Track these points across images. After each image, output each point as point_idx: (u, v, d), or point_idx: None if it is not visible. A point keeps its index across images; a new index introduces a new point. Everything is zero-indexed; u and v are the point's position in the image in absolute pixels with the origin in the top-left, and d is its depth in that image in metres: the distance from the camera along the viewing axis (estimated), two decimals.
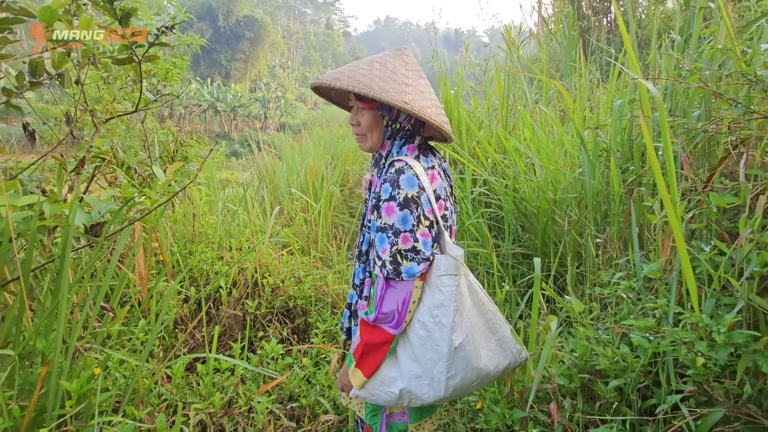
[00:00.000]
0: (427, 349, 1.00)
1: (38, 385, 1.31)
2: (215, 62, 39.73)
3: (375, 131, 1.08)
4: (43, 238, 1.66)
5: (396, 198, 0.97)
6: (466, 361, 1.00)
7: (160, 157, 3.02)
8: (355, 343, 1.05)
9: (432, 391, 1.00)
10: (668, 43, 2.03)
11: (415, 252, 0.97)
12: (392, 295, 0.98)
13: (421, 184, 0.98)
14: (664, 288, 1.21)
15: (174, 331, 2.20)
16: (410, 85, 1.02)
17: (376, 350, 1.01)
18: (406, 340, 1.02)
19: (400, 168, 0.99)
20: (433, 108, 1.04)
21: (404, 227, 0.97)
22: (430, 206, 1.00)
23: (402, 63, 1.05)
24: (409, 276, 0.97)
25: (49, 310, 1.39)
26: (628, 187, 1.79)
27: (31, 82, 1.83)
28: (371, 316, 1.00)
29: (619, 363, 1.15)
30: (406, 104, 0.97)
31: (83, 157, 2.04)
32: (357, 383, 1.04)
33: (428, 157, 1.08)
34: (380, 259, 0.99)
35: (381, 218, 0.99)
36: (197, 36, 3.21)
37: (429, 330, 0.99)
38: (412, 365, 1.01)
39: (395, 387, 1.02)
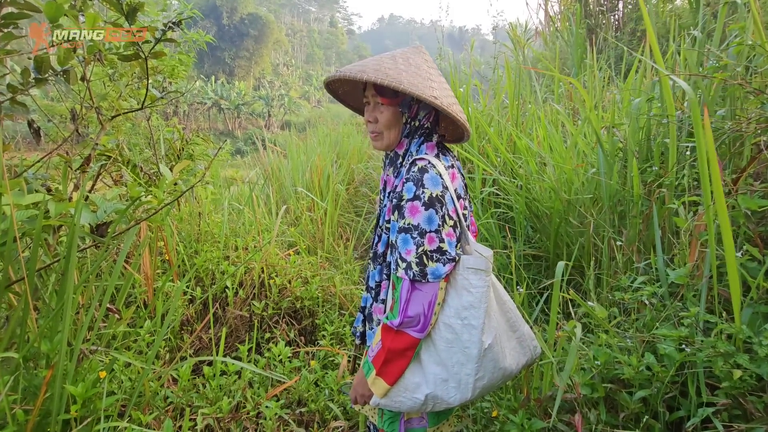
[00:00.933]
0: (454, 352, 0.97)
1: (43, 388, 1.28)
2: (219, 60, 39.76)
3: (393, 128, 1.04)
4: (48, 237, 1.63)
5: (421, 197, 0.94)
6: (494, 362, 0.99)
7: (166, 155, 2.99)
8: (373, 350, 1.01)
9: (459, 393, 0.98)
10: (687, 39, 1.97)
11: (441, 252, 0.94)
12: (418, 298, 0.95)
13: (445, 183, 0.96)
14: (693, 295, 1.16)
15: (180, 332, 2.17)
16: (435, 81, 1.00)
17: (400, 356, 0.97)
18: (430, 343, 0.99)
19: (424, 166, 0.96)
20: (456, 105, 1.01)
21: (430, 227, 0.94)
22: (453, 205, 0.97)
23: (423, 60, 1.03)
24: (434, 277, 0.94)
25: (54, 312, 1.36)
26: (647, 188, 1.73)
27: (37, 78, 1.79)
28: (395, 320, 0.96)
29: (643, 372, 1.11)
30: (435, 99, 0.94)
31: (89, 155, 2.01)
32: (379, 392, 1.00)
33: (446, 155, 1.05)
34: (404, 260, 0.95)
35: (404, 218, 0.96)
36: (203, 33, 3.17)
37: (456, 332, 0.97)
38: (437, 369, 0.98)
39: (420, 393, 0.99)
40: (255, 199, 3.41)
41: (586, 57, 5.04)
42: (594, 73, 3.41)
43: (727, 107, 1.46)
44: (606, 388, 1.14)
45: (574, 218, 2.17)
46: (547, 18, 7.23)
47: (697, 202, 1.31)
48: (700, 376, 1.03)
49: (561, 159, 2.33)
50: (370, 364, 1.01)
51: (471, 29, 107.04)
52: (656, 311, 1.23)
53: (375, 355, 1.00)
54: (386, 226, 1.05)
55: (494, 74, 4.01)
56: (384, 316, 1.03)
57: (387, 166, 1.12)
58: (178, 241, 2.56)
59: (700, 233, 1.15)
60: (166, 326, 1.50)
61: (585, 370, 1.23)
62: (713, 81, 1.56)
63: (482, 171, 2.76)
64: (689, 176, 1.37)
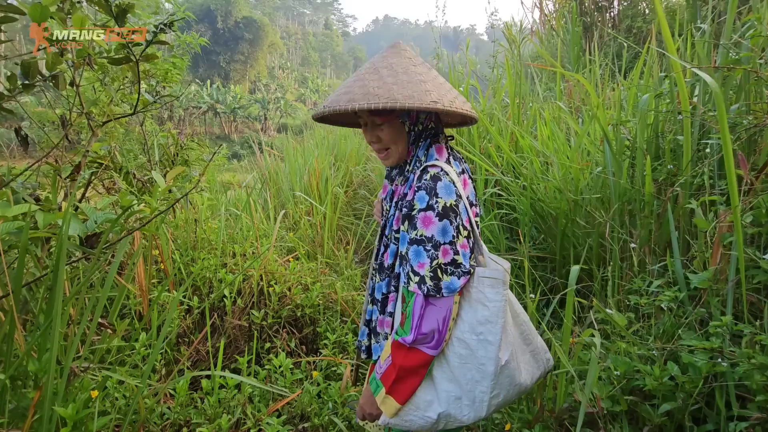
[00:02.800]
0: (468, 369, 0.92)
1: (31, 410, 1.21)
2: (214, 64, 39.67)
3: (400, 141, 0.98)
4: (36, 250, 1.56)
5: (434, 207, 0.88)
6: (510, 378, 0.93)
7: (160, 160, 2.92)
8: (382, 366, 0.94)
9: (473, 412, 0.93)
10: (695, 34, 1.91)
11: (456, 265, 0.88)
12: (432, 314, 0.89)
13: (458, 191, 0.90)
14: (717, 300, 1.10)
15: (177, 344, 2.10)
16: (427, 81, 0.93)
17: (412, 374, 0.91)
18: (443, 360, 0.93)
19: (436, 174, 0.90)
20: (458, 98, 0.96)
21: (444, 239, 0.88)
22: (467, 215, 0.92)
23: (407, 61, 0.96)
24: (449, 291, 0.89)
25: (42, 328, 1.29)
26: (657, 186, 1.68)
27: (24, 84, 1.72)
28: (407, 337, 0.90)
29: (666, 383, 1.04)
30: (435, 104, 0.88)
31: (79, 162, 1.94)
32: (389, 412, 0.93)
33: (456, 159, 0.99)
34: (417, 274, 0.89)
35: (416, 230, 0.89)
36: (197, 35, 3.10)
37: (471, 348, 0.91)
38: (450, 386, 0.93)
39: (432, 411, 0.93)
40: (252, 204, 3.34)
41: (582, 55, 5.00)
42: (595, 71, 3.36)
43: (742, 101, 1.41)
44: (627, 401, 1.08)
45: (581, 219, 2.11)
46: (542, 17, 7.20)
47: (716, 202, 1.25)
48: (730, 388, 0.97)
49: (565, 158, 2.27)
50: (378, 381, 0.95)
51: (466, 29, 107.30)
52: (676, 317, 1.17)
53: (384, 373, 0.93)
54: (394, 236, 0.98)
55: (493, 73, 3.96)
56: (393, 332, 0.96)
57: (396, 175, 1.05)
58: (173, 249, 2.49)
59: (723, 235, 1.09)
60: (162, 339, 1.43)
61: (602, 380, 1.17)
62: (725, 74, 1.50)
63: (485, 171, 2.70)
64: (707, 174, 1.31)
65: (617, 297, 1.54)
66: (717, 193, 1.33)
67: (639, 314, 1.40)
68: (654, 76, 1.94)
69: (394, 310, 1.00)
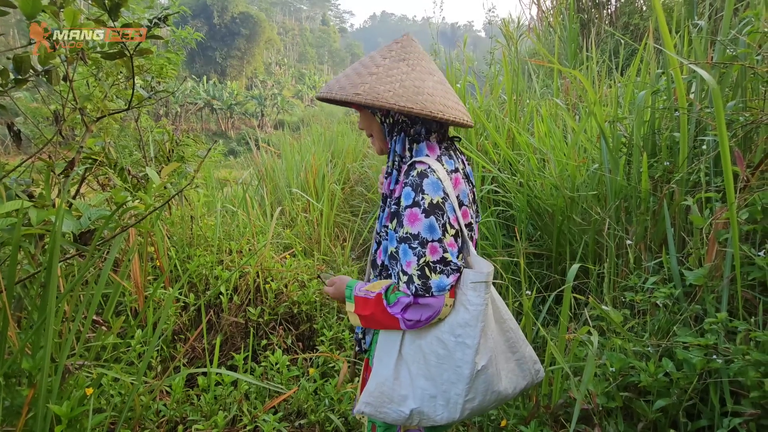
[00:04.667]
0: (445, 369, 0.91)
1: (25, 408, 1.20)
2: (210, 60, 39.40)
3: (375, 132, 1.00)
4: (29, 246, 1.55)
5: (420, 204, 0.87)
6: (487, 384, 0.91)
7: (156, 157, 2.90)
8: (362, 293, 0.95)
9: (447, 412, 0.92)
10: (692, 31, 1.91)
11: (445, 263, 0.87)
12: (419, 310, 0.89)
13: (446, 189, 0.89)
14: (712, 297, 1.10)
15: (172, 341, 2.09)
16: (405, 77, 0.91)
17: (379, 324, 0.94)
18: (421, 356, 0.93)
19: (423, 171, 0.89)
20: (438, 97, 0.92)
21: (432, 236, 0.87)
22: (454, 214, 0.90)
23: (408, 55, 0.95)
24: (439, 290, 0.87)
25: (36, 325, 1.28)
26: (653, 183, 1.68)
27: (17, 79, 1.70)
28: (391, 309, 0.90)
29: (661, 379, 1.05)
30: (394, 105, 0.87)
31: (73, 158, 1.92)
32: (351, 316, 0.97)
33: (452, 158, 0.98)
34: (406, 274, 0.88)
35: (403, 227, 0.88)
36: (192, 30, 3.08)
37: (449, 349, 0.90)
38: (426, 384, 0.93)
39: (406, 406, 0.93)
40: (249, 201, 3.33)
41: (579, 52, 5.00)
42: (592, 67, 3.36)
43: (738, 98, 1.41)
44: (622, 397, 1.09)
45: (577, 216, 2.12)
46: (540, 13, 7.19)
47: (712, 199, 1.25)
48: (724, 385, 0.98)
49: (562, 155, 2.27)
50: (353, 298, 0.96)
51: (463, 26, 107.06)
52: (671, 314, 1.18)
53: (360, 300, 0.94)
54: (385, 232, 0.98)
55: (491, 69, 3.95)
56: (385, 287, 0.94)
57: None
58: (169, 246, 2.48)
59: (718, 231, 1.10)
60: (157, 336, 1.43)
61: (597, 376, 1.17)
62: (721, 71, 1.50)
63: (482, 168, 2.70)
64: (703, 172, 1.31)
65: (613, 293, 1.55)
66: (713, 190, 1.33)
67: (634, 311, 1.41)
68: (651, 73, 1.93)
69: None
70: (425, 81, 0.92)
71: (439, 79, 0.95)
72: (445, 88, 0.95)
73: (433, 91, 0.91)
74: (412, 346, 0.94)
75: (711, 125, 1.39)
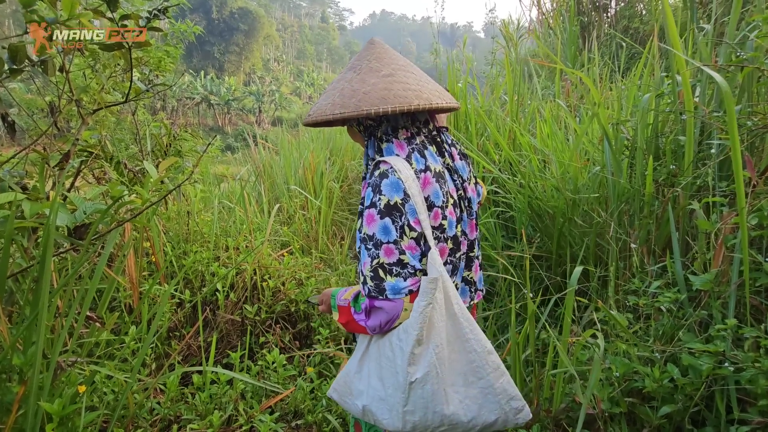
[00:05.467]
0: (391, 374, 0.89)
1: (15, 405, 1.17)
2: (208, 55, 39.18)
3: (359, 141, 1.01)
4: (22, 240, 1.51)
5: (377, 205, 0.85)
6: (426, 401, 0.86)
7: (153, 151, 2.86)
8: (341, 301, 0.97)
9: (390, 419, 0.89)
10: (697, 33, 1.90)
11: (402, 266, 0.85)
12: (377, 315, 0.88)
13: (408, 190, 0.85)
14: (719, 303, 1.09)
15: (167, 338, 2.06)
16: (338, 89, 0.92)
17: (356, 328, 0.94)
18: (377, 356, 0.92)
19: (384, 171, 0.87)
20: (377, 92, 0.88)
21: (386, 238, 0.84)
22: (416, 216, 0.85)
23: (349, 66, 0.97)
24: (394, 293, 0.85)
25: (27, 321, 1.25)
26: (656, 187, 1.67)
27: (12, 69, 1.66)
28: (357, 315, 0.91)
29: (666, 385, 1.04)
30: (335, 113, 0.88)
31: (68, 150, 1.88)
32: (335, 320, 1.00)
33: (424, 156, 0.92)
34: (362, 274, 0.87)
35: (362, 227, 0.88)
36: (192, 24, 3.04)
37: (394, 353, 0.88)
38: (377, 384, 0.92)
39: (360, 401, 0.94)
40: (246, 197, 3.29)
41: (579, 54, 4.99)
42: (594, 69, 3.36)
43: (745, 102, 1.40)
44: (626, 403, 1.07)
45: (578, 217, 2.10)
46: (540, 15, 7.19)
47: (719, 203, 1.24)
48: (731, 392, 0.96)
49: (566, 156, 2.26)
50: (336, 308, 0.98)
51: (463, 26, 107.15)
52: (676, 318, 1.17)
53: (341, 310, 0.96)
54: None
55: (492, 70, 3.94)
56: (355, 294, 0.95)
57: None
58: (165, 242, 2.44)
59: (726, 237, 1.08)
60: (152, 333, 1.40)
61: (601, 381, 1.15)
62: (726, 75, 1.49)
63: (482, 168, 2.69)
64: (711, 176, 1.30)
65: (615, 297, 1.53)
66: (718, 194, 1.32)
67: (636, 315, 1.40)
68: (655, 75, 1.92)
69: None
70: (366, 81, 0.90)
71: (387, 72, 0.91)
72: (392, 79, 0.90)
73: (371, 89, 0.88)
74: (374, 345, 0.94)
75: (718, 129, 1.38)
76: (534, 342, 1.35)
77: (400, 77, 0.90)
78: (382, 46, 0.97)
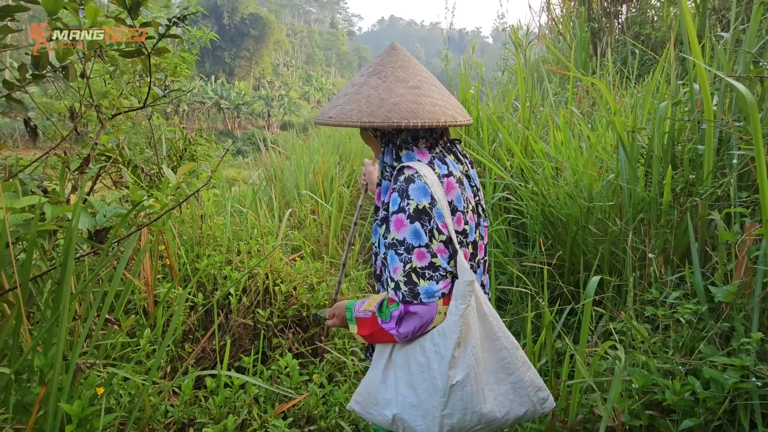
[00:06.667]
0: (424, 379, 0.89)
1: (36, 406, 1.19)
2: (219, 60, 39.68)
3: (372, 147, 1.03)
4: (43, 242, 1.54)
5: (406, 210, 0.86)
6: (465, 402, 0.87)
7: (168, 155, 2.90)
8: (360, 312, 0.95)
9: (425, 424, 0.89)
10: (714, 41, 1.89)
11: (434, 268, 0.85)
12: (411, 321, 0.87)
13: (435, 194, 0.86)
14: (741, 315, 1.07)
15: (181, 341, 2.08)
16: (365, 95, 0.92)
17: (381, 338, 0.94)
18: (405, 362, 0.92)
19: (410, 176, 0.88)
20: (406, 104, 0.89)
21: (418, 242, 0.85)
22: (443, 220, 0.87)
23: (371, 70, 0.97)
24: (428, 297, 0.85)
25: (49, 323, 1.27)
26: (673, 196, 1.65)
27: (34, 75, 1.70)
28: (386, 324, 0.90)
29: (687, 398, 1.02)
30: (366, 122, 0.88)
31: (88, 155, 1.92)
32: (357, 337, 0.98)
33: (446, 163, 0.94)
34: (393, 280, 0.87)
35: (390, 233, 0.88)
36: (207, 30, 3.09)
37: (428, 358, 0.88)
38: (407, 391, 0.91)
39: (389, 410, 0.93)
40: (258, 202, 3.32)
41: (590, 60, 4.97)
42: (606, 76, 3.34)
43: (765, 111, 1.38)
44: (647, 416, 1.06)
45: (592, 226, 2.09)
46: (550, 21, 7.18)
47: (740, 214, 1.23)
48: (756, 407, 0.95)
49: (581, 164, 2.25)
50: (353, 319, 0.97)
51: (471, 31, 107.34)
52: (695, 330, 1.15)
53: (360, 321, 0.95)
54: (378, 240, 0.98)
55: (503, 76, 3.94)
56: (378, 303, 0.93)
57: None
58: (179, 245, 2.47)
59: (749, 248, 1.07)
60: (169, 337, 1.41)
61: (621, 393, 1.14)
62: (746, 83, 1.48)
63: (494, 175, 2.68)
64: (733, 186, 1.29)
65: (632, 307, 1.52)
66: (738, 204, 1.30)
67: (654, 325, 1.38)
68: (671, 83, 1.91)
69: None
70: (394, 91, 0.91)
71: (414, 84, 0.92)
72: (419, 92, 0.91)
73: (400, 100, 0.89)
74: (400, 352, 0.93)
75: (737, 139, 1.37)
76: (550, 351, 1.34)
77: (426, 90, 0.92)
78: (404, 54, 0.98)
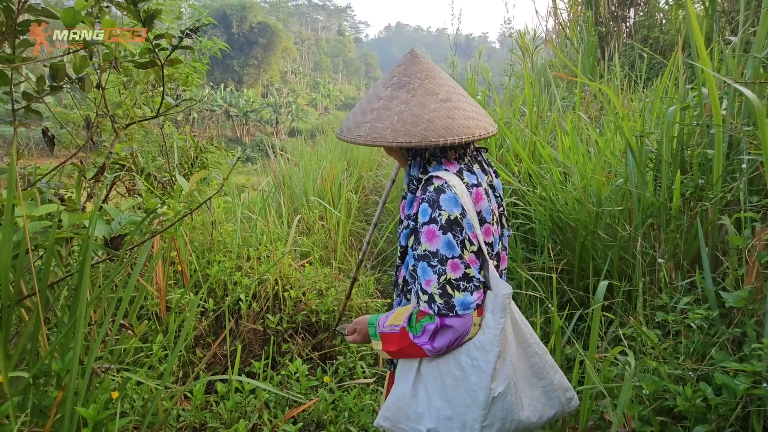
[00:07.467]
0: (461, 392, 0.88)
1: (53, 410, 1.22)
2: (228, 68, 40.23)
3: (397, 158, 1.02)
4: (60, 249, 1.58)
5: (437, 220, 0.84)
6: (505, 412, 0.87)
7: (180, 163, 2.95)
8: (386, 327, 0.93)
9: None
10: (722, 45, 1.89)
11: (468, 279, 0.84)
12: (447, 334, 0.86)
13: (465, 204, 0.85)
14: (753, 321, 1.07)
15: (193, 346, 2.10)
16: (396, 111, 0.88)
17: (408, 354, 0.92)
18: (437, 375, 0.91)
19: (440, 186, 0.86)
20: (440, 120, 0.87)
21: (451, 253, 0.84)
22: (473, 231, 0.86)
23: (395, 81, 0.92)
24: (464, 308, 0.84)
25: (66, 328, 1.30)
26: (682, 200, 1.65)
27: (52, 86, 1.76)
28: (418, 339, 0.88)
29: (698, 405, 1.02)
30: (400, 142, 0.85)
31: (103, 163, 1.97)
32: (380, 353, 0.95)
33: (473, 172, 0.93)
34: (425, 293, 0.86)
35: (421, 244, 0.86)
36: (218, 40, 3.15)
37: (465, 372, 0.87)
38: (442, 404, 0.90)
39: (422, 425, 0.92)
40: (267, 208, 3.36)
41: (598, 65, 4.96)
42: (614, 80, 3.34)
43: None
44: (658, 422, 1.05)
45: (601, 231, 2.08)
46: (557, 26, 7.17)
47: (750, 219, 1.22)
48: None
49: (586, 168, 2.25)
50: (378, 335, 0.95)
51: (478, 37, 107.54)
52: (707, 336, 1.15)
53: (386, 336, 0.93)
54: (404, 250, 0.97)
55: (510, 81, 3.95)
56: (407, 318, 0.91)
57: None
58: (190, 251, 2.51)
59: (760, 253, 1.07)
60: (181, 342, 1.44)
61: (631, 399, 1.14)
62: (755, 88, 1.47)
63: (502, 181, 2.69)
64: (743, 191, 1.28)
65: (642, 312, 1.51)
66: (748, 209, 1.30)
67: (664, 331, 1.37)
68: (679, 87, 1.91)
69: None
70: (426, 106, 0.88)
71: (444, 97, 0.90)
72: (451, 105, 0.90)
73: (434, 116, 0.87)
74: (430, 365, 0.92)
75: (747, 143, 1.36)
76: (560, 357, 1.34)
77: (456, 102, 0.90)
78: (427, 62, 0.95)
